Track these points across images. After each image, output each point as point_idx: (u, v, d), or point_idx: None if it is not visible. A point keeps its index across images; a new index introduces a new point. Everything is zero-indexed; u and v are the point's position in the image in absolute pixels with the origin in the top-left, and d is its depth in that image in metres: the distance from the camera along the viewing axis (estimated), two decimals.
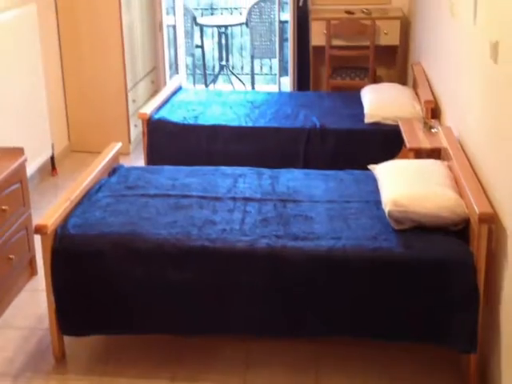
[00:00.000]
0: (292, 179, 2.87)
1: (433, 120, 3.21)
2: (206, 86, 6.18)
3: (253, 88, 6.17)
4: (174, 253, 2.32)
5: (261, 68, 6.86)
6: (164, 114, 3.76)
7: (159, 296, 2.35)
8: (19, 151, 2.79)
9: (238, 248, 2.32)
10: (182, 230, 2.39)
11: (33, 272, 2.98)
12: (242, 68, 6.95)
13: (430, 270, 2.24)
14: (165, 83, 4.91)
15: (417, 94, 3.74)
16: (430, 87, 3.56)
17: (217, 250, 2.32)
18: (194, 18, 6.20)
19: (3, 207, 2.62)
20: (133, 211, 2.53)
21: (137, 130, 4.49)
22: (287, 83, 5.18)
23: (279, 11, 5.25)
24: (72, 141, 4.47)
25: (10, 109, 3.29)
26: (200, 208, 2.58)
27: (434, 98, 3.40)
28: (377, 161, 2.90)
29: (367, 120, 3.56)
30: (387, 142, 3.39)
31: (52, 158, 4.06)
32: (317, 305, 2.32)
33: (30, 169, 3.01)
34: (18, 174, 2.75)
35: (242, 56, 7.10)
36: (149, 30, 4.85)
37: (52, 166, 4.09)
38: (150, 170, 3.05)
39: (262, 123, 3.68)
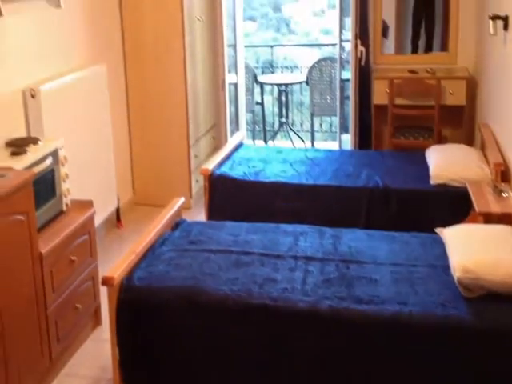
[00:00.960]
0: (354, 239, 2.89)
1: (503, 183, 3.19)
2: (266, 142, 6.36)
3: (312, 145, 6.29)
4: (235, 309, 2.38)
5: (320, 125, 7.01)
6: (225, 169, 3.89)
7: (218, 352, 2.40)
8: (89, 204, 2.96)
9: (300, 308, 2.34)
10: (244, 287, 2.45)
11: (98, 322, 3.10)
12: (302, 125, 7.13)
13: (503, 341, 2.19)
14: (226, 139, 5.10)
15: (485, 155, 3.73)
16: (500, 149, 3.55)
17: (278, 308, 2.36)
18: (255, 76, 6.46)
19: (72, 258, 2.77)
20: (195, 266, 2.62)
21: (198, 185, 4.64)
22: (347, 141, 5.27)
23: (340, 70, 5.40)
24: (136, 194, 4.69)
25: (81, 162, 3.49)
26: (261, 265, 2.64)
27: (504, 160, 3.38)
28: (443, 224, 2.89)
29: (433, 181, 3.57)
30: (454, 204, 3.37)
31: (117, 210, 4.26)
32: (379, 371, 2.30)
33: (97, 220, 3.17)
34: (87, 226, 2.92)
35: (301, 112, 7.30)
36: (211, 87, 5.08)
37: (117, 218, 4.29)
38: (212, 225, 3.16)
39: (322, 181, 3.73)
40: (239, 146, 4.42)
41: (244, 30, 5.98)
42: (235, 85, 5.54)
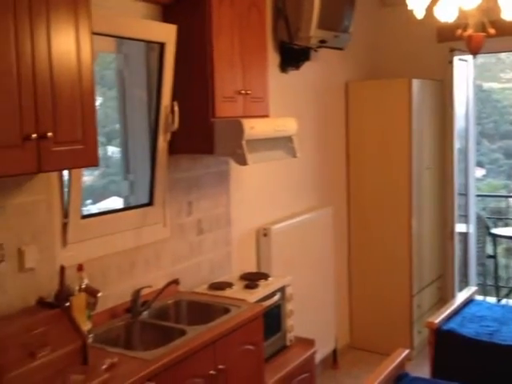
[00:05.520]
0: None
1: None
2: (498, 299, 5.99)
3: None
4: None
5: None
6: (454, 326, 3.75)
7: None
8: (311, 342, 3.11)
9: None
10: None
11: None
12: None
13: None
14: (452, 291, 4.96)
15: None
16: None
17: None
18: (487, 227, 6.28)
19: None
20: None
21: (420, 336, 4.55)
22: None
23: None
24: (353, 337, 4.78)
25: (303, 300, 3.71)
26: None
27: None
28: None
29: None
30: None
31: (334, 351, 4.38)
32: None
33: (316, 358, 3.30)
34: (309, 365, 3.06)
35: None
36: (438, 236, 5.06)
37: (334, 359, 4.41)
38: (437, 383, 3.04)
39: None
40: (469, 301, 4.27)
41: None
42: (465, 235, 5.44)
